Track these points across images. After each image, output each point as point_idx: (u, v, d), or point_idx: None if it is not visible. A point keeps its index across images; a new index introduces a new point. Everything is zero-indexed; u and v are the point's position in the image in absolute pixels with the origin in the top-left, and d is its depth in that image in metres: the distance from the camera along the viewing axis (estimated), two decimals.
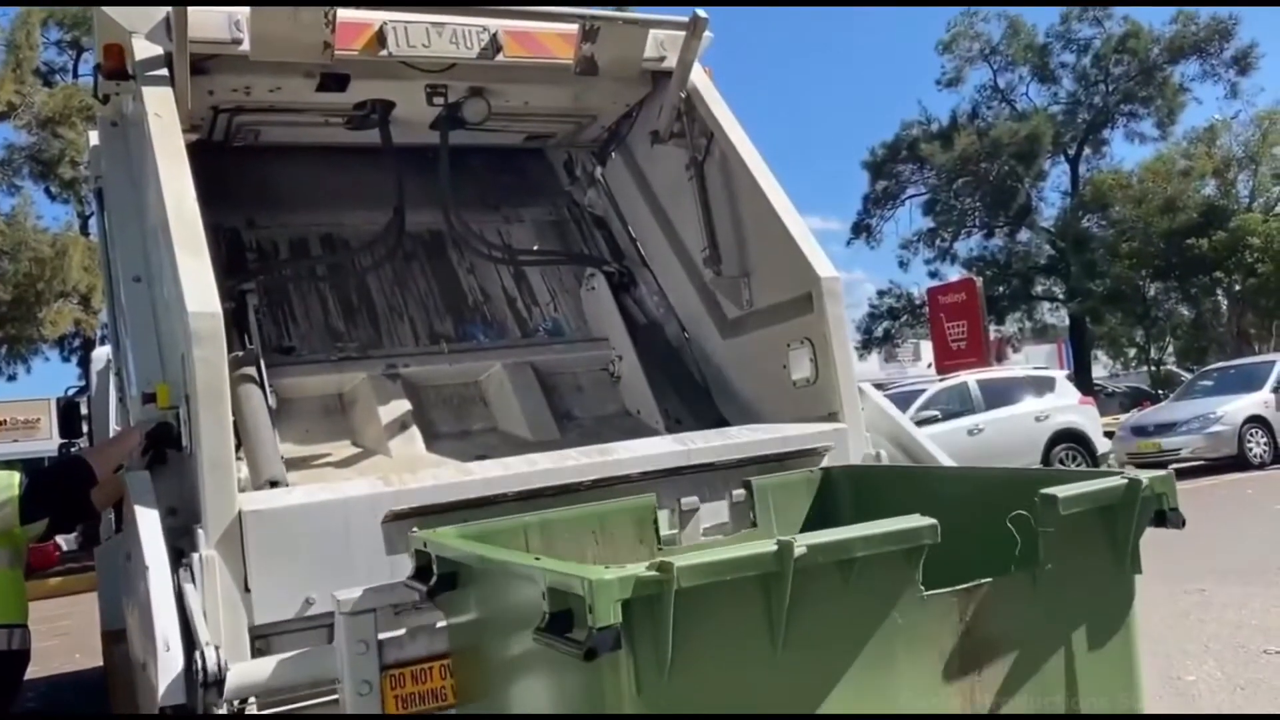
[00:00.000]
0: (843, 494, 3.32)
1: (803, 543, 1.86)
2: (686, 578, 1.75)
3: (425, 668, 2.66)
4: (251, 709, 2.70)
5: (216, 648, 2.58)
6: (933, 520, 1.99)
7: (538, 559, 2.15)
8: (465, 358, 4.51)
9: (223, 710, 2.59)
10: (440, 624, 2.66)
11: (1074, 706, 2.18)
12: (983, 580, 2.11)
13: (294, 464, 3.80)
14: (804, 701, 1.91)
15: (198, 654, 2.57)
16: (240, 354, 3.76)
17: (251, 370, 3.76)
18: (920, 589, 2.02)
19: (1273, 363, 16.87)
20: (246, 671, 2.66)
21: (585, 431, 4.39)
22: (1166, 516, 2.33)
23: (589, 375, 4.67)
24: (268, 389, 3.81)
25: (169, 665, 2.59)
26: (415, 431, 4.11)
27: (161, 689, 2.57)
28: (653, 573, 1.73)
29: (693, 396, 4.48)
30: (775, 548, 1.84)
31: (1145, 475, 2.30)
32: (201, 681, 2.53)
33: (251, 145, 4.67)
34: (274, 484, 3.31)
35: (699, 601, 1.78)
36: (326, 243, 4.75)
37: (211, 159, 4.17)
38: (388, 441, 4.04)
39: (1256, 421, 15.36)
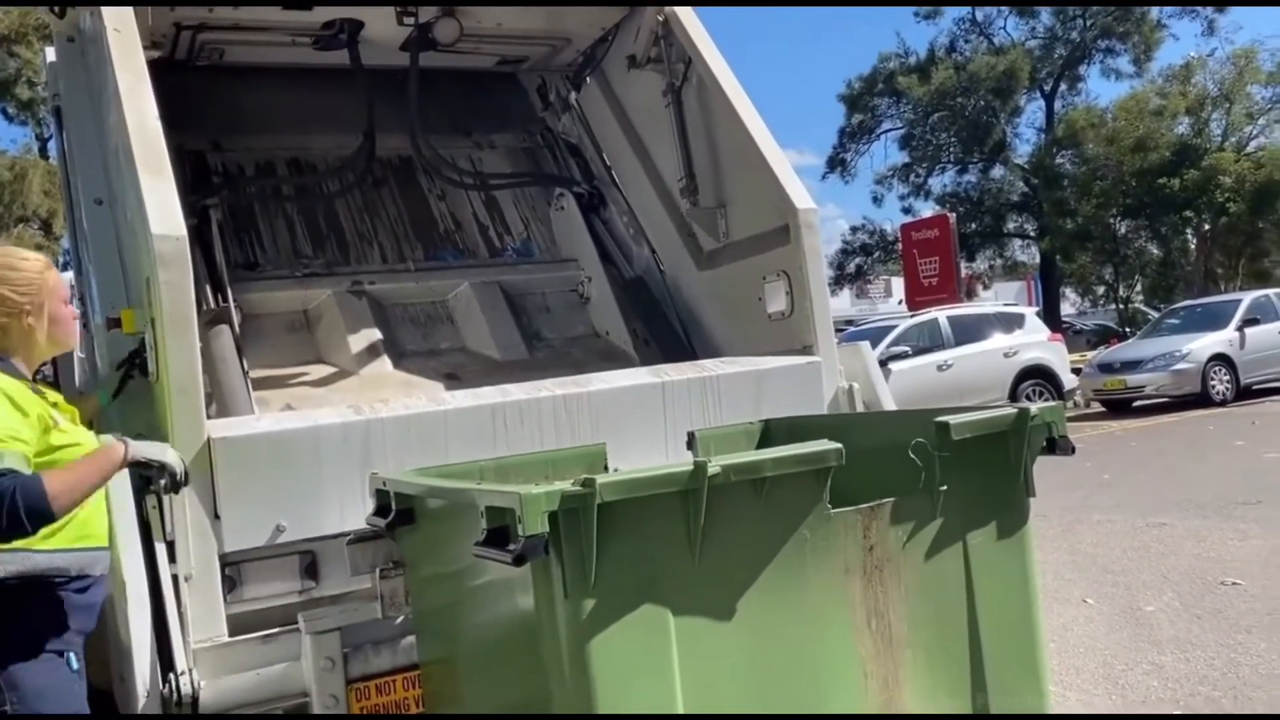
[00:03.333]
0: (781, 444, 3.36)
1: (717, 462, 2.03)
2: (608, 492, 1.92)
3: (389, 680, 2.86)
4: None
5: (190, 671, 2.65)
6: (838, 445, 2.15)
7: (479, 483, 2.41)
8: (432, 276, 4.48)
9: None
10: (404, 641, 2.83)
11: (972, 613, 2.37)
12: (885, 500, 2.27)
13: (260, 383, 3.78)
14: (718, 608, 2.08)
15: (172, 677, 2.62)
16: (212, 310, 3.70)
17: (226, 334, 3.70)
18: (827, 506, 2.19)
19: (1238, 301, 17.05)
20: (219, 689, 2.71)
21: (554, 352, 4.40)
22: (1056, 444, 2.48)
23: (558, 296, 4.65)
24: (233, 310, 3.78)
25: (142, 689, 2.62)
26: (381, 349, 4.11)
27: (140, 713, 2.62)
28: (577, 488, 1.90)
29: (661, 319, 4.47)
30: (691, 467, 2.01)
31: (1035, 405, 2.47)
32: (176, 702, 2.61)
33: (216, 65, 4.54)
34: None
35: (622, 515, 1.96)
36: (294, 167, 4.65)
37: (175, 78, 4.04)
38: (354, 358, 4.03)
39: (1220, 359, 15.57)
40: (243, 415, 3.41)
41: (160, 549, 2.78)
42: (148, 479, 2.87)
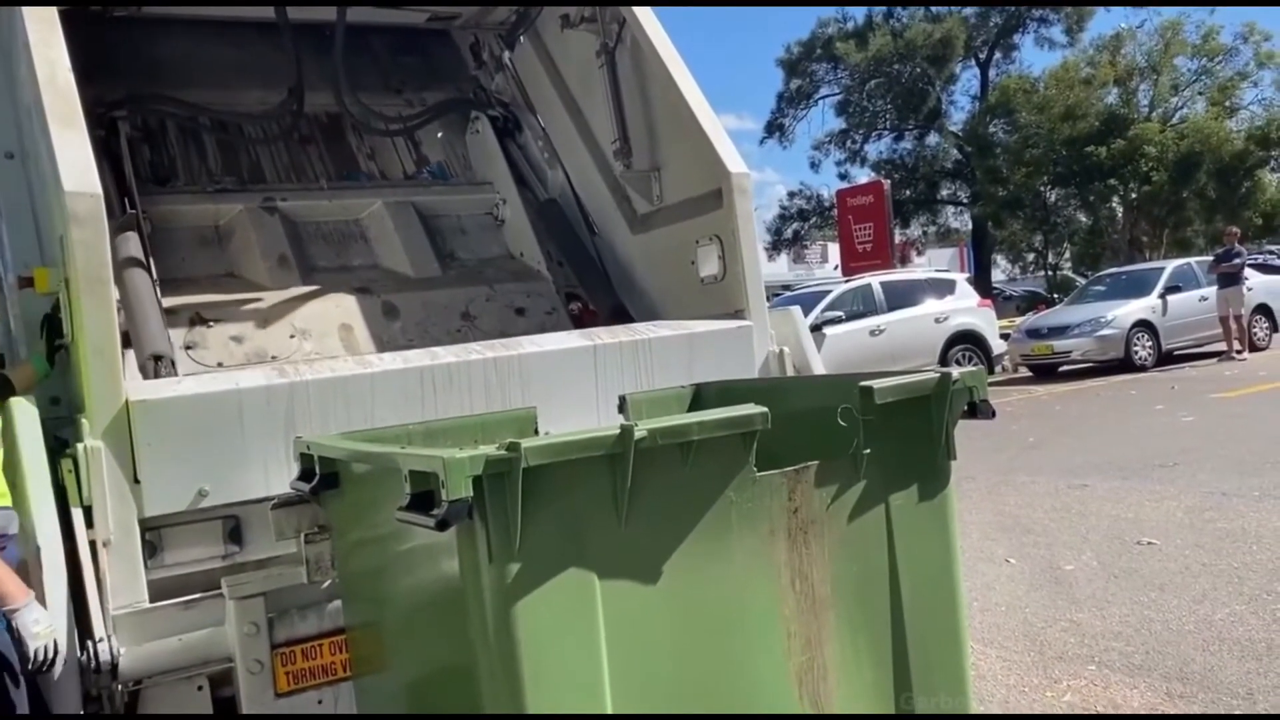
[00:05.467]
0: (711, 407, 3.39)
1: (643, 426, 2.02)
2: (534, 456, 1.91)
3: (315, 645, 2.85)
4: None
5: (109, 638, 2.60)
6: (764, 409, 2.16)
7: (403, 448, 2.37)
8: (345, 195, 4.47)
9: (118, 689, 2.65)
10: (330, 605, 2.82)
11: (893, 574, 2.41)
12: (809, 463, 2.29)
13: (169, 293, 3.73)
14: (644, 571, 2.09)
15: (90, 644, 2.57)
16: (120, 219, 3.60)
17: (133, 238, 3.61)
18: (753, 469, 2.20)
19: (1161, 269, 17.46)
20: (139, 656, 2.66)
21: (467, 271, 4.42)
22: (977, 408, 2.50)
23: (472, 218, 4.66)
24: (143, 222, 3.73)
25: (59, 657, 2.56)
26: (293, 264, 4.09)
27: (58, 681, 2.57)
28: (502, 452, 1.89)
29: (574, 240, 4.51)
30: (618, 431, 2.00)
31: (956, 370, 2.50)
32: (95, 669, 2.57)
33: (134, 16, 4.38)
34: (158, 358, 3.19)
35: (547, 479, 1.95)
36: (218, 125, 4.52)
37: (90, 30, 3.90)
38: (265, 272, 4.02)
39: (1143, 326, 15.96)
40: (153, 329, 3.32)
41: (77, 514, 2.72)
42: (64, 442, 2.81)
